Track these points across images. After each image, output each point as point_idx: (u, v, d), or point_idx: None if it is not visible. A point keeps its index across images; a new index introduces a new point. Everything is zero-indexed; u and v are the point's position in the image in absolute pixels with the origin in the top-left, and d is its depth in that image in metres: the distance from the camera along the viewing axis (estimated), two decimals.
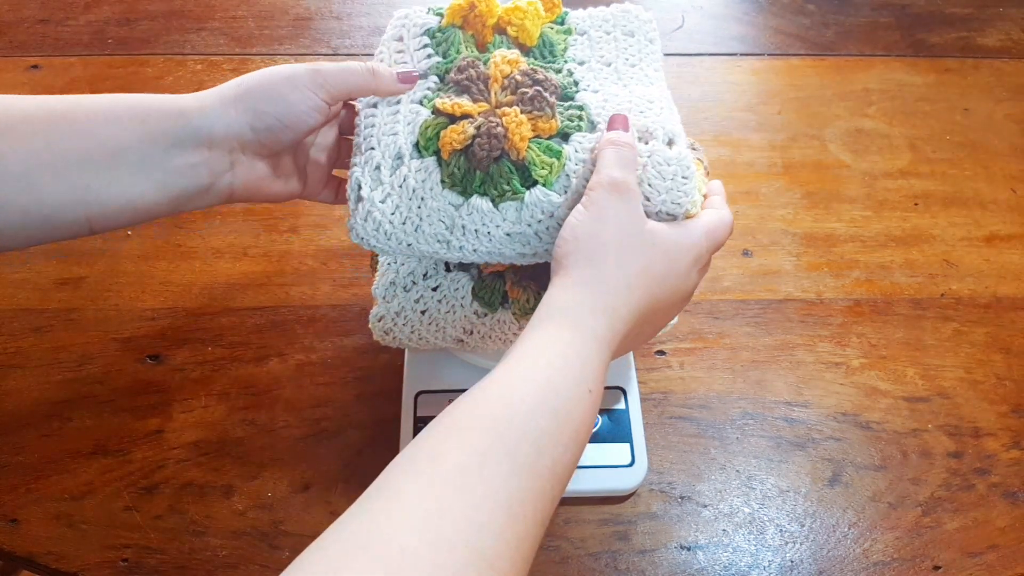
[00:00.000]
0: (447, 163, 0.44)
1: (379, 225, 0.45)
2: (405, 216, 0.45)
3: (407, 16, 0.51)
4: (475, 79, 0.46)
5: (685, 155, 0.44)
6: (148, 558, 0.52)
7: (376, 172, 0.45)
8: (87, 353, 0.61)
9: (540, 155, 0.44)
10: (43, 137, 0.40)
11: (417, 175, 0.45)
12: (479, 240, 0.45)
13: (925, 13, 0.89)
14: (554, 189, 0.44)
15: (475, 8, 0.49)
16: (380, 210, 0.44)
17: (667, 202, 0.44)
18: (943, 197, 0.72)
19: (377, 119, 0.47)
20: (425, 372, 0.57)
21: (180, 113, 0.43)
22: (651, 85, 0.49)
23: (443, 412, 0.36)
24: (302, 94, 0.44)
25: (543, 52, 0.50)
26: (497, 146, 0.44)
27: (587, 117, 0.46)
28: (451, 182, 0.44)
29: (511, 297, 0.50)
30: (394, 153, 0.45)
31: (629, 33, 0.51)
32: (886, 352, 0.62)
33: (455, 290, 0.50)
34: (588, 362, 0.38)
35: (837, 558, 0.53)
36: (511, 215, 0.44)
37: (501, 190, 0.44)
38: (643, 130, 0.45)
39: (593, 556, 0.52)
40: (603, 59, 0.50)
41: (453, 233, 0.45)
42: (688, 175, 0.44)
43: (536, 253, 0.46)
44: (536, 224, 0.44)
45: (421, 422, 0.55)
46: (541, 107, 0.45)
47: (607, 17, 0.52)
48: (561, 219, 0.44)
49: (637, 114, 0.46)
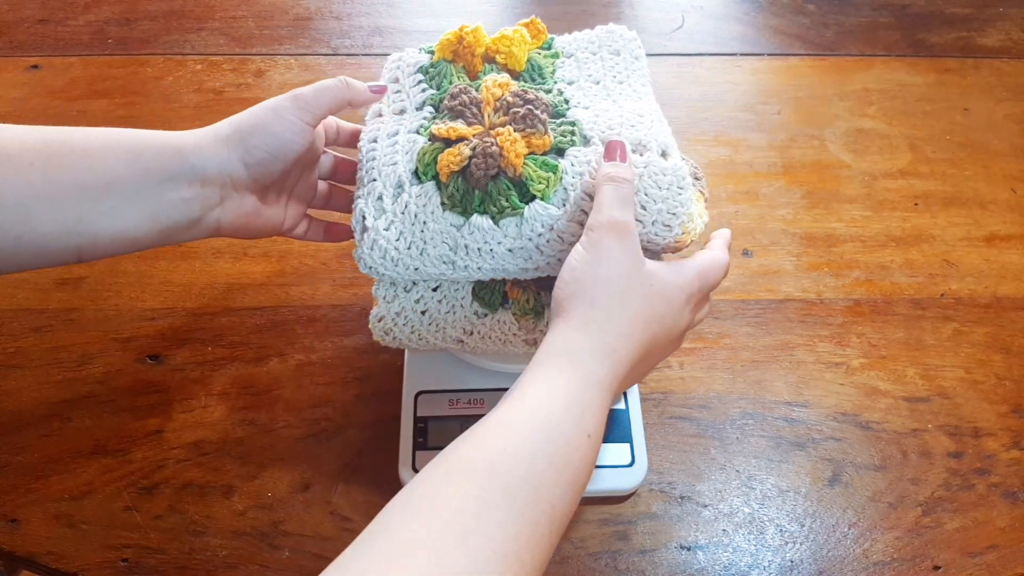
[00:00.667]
0: (446, 186, 0.46)
1: (385, 252, 0.46)
2: (410, 241, 0.46)
3: (400, 58, 0.53)
4: (468, 104, 0.48)
5: (680, 166, 0.45)
6: (148, 558, 0.52)
7: (379, 202, 0.46)
8: (87, 353, 0.61)
9: (536, 170, 0.45)
10: (40, 169, 0.41)
11: (418, 200, 0.46)
12: (482, 258, 0.46)
13: (925, 13, 0.89)
14: (552, 202, 0.45)
15: (463, 40, 0.51)
16: (385, 237, 0.46)
17: (663, 211, 0.45)
18: (943, 197, 0.73)
19: (377, 152, 0.48)
20: (425, 372, 0.57)
21: (176, 150, 0.44)
22: (640, 100, 0.50)
23: (442, 454, 0.36)
24: (285, 122, 0.46)
25: (532, 76, 0.51)
26: (493, 164, 0.45)
27: (580, 132, 0.47)
28: (451, 203, 0.46)
29: (511, 297, 0.50)
30: (395, 182, 0.47)
31: (615, 52, 0.53)
32: (886, 352, 0.62)
33: (455, 291, 0.50)
34: (588, 407, 0.38)
35: (837, 558, 0.53)
36: (512, 231, 0.45)
37: (500, 207, 0.45)
38: (636, 143, 0.46)
39: (593, 556, 0.52)
40: (591, 78, 0.52)
41: (457, 253, 0.46)
42: (684, 186, 0.45)
43: (539, 267, 0.47)
44: (537, 238, 0.45)
45: (421, 422, 0.55)
46: (533, 124, 0.46)
47: (592, 39, 0.54)
48: (561, 232, 0.45)
49: (629, 128, 0.47)
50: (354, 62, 0.83)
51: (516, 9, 0.90)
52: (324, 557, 0.51)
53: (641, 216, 0.45)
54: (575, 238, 0.44)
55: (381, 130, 0.49)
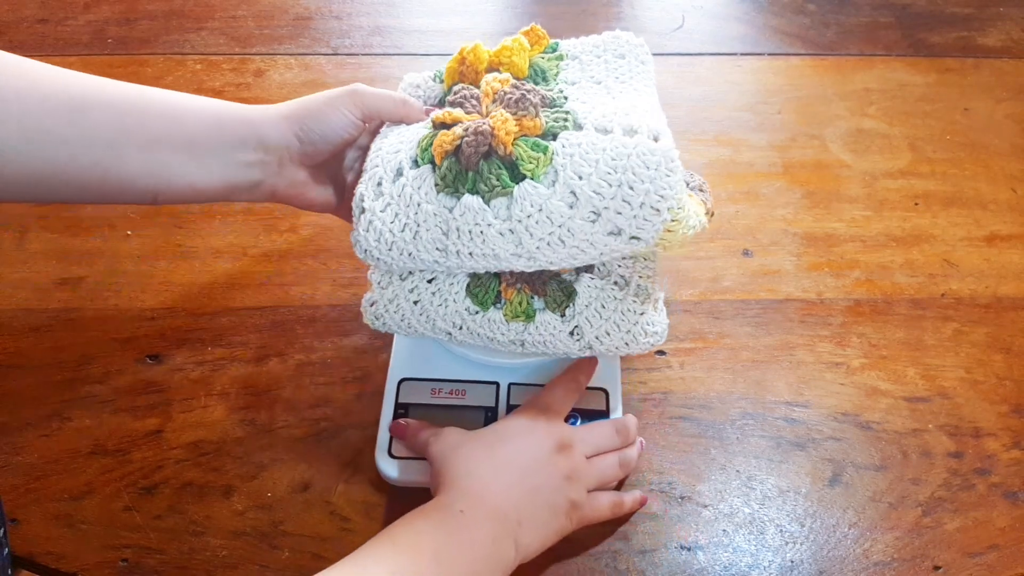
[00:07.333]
0: (439, 167, 0.46)
1: (380, 234, 0.47)
2: (404, 223, 0.47)
3: (418, 85, 0.55)
4: (468, 97, 0.49)
5: (670, 148, 0.45)
6: (148, 558, 0.52)
7: (378, 187, 0.48)
8: (87, 353, 0.61)
9: (527, 150, 0.46)
10: (136, 117, 0.48)
11: (414, 183, 0.47)
12: (473, 241, 0.46)
13: (925, 13, 0.89)
14: (542, 182, 0.45)
15: (465, 60, 0.52)
16: (381, 219, 0.47)
17: (651, 193, 0.45)
18: (943, 197, 0.72)
19: (385, 144, 0.50)
20: (410, 360, 0.58)
21: (249, 121, 0.50)
22: (640, 97, 0.50)
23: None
24: (339, 113, 0.51)
25: (536, 80, 0.52)
26: (484, 142, 0.45)
27: (573, 119, 0.47)
28: (444, 184, 0.46)
29: (504, 297, 0.51)
30: (395, 168, 0.48)
31: (620, 56, 0.53)
32: (886, 352, 0.62)
33: (450, 285, 0.51)
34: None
35: (837, 558, 0.53)
36: (502, 212, 0.46)
37: (491, 186, 0.45)
38: (628, 128, 0.46)
39: (593, 556, 0.52)
40: (593, 78, 0.52)
41: (449, 237, 0.46)
42: (673, 169, 0.45)
43: (531, 256, 0.47)
44: (526, 219, 0.45)
45: (401, 408, 0.56)
46: (526, 107, 0.47)
47: (597, 43, 0.54)
48: (550, 213, 0.45)
49: (622, 115, 0.47)
50: (354, 62, 0.83)
51: (516, 8, 0.90)
52: (324, 557, 0.51)
53: (629, 198, 0.44)
54: (564, 219, 0.45)
55: (394, 129, 0.51)
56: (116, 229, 0.68)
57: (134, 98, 0.48)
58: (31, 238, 0.68)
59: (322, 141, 0.51)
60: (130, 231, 0.68)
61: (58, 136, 0.45)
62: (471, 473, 0.48)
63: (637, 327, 0.52)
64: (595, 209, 0.45)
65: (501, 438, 0.50)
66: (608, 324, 0.51)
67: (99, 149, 0.46)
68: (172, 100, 0.50)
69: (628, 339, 0.52)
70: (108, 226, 0.69)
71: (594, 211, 0.45)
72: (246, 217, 0.69)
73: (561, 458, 0.50)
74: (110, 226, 0.69)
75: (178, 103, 0.50)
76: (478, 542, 0.44)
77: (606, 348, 0.52)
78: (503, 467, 0.48)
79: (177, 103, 0.50)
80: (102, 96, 0.47)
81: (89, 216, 0.69)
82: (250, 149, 0.50)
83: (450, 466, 0.48)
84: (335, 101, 0.51)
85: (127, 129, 0.47)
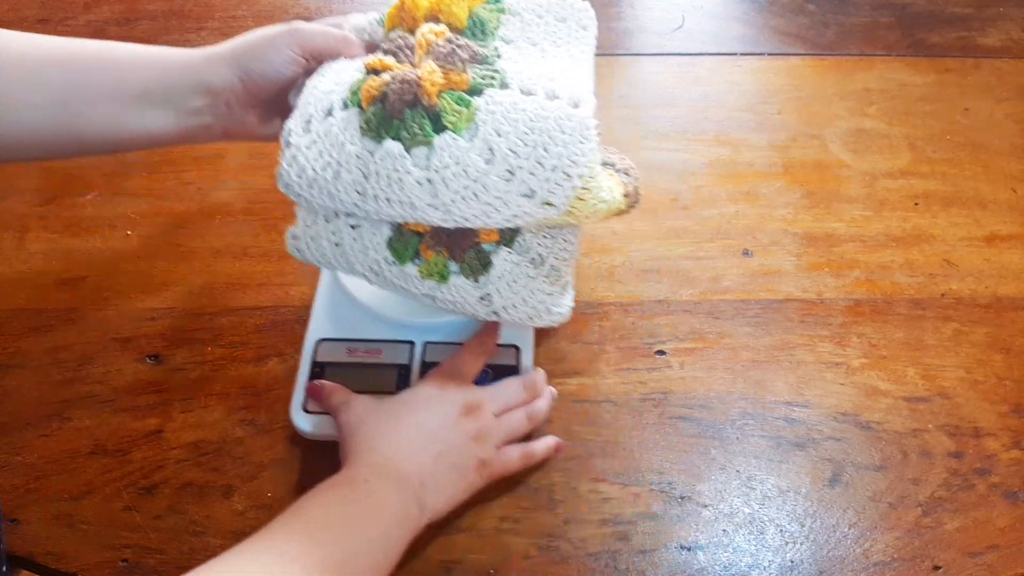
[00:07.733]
0: (365, 111, 0.48)
1: (303, 170, 0.48)
2: (326, 162, 0.48)
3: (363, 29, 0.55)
4: (403, 47, 0.50)
5: (587, 116, 0.46)
6: (148, 558, 0.52)
7: (307, 124, 0.49)
8: (87, 353, 0.61)
9: (451, 103, 0.46)
10: (81, 73, 0.50)
11: (341, 123, 0.48)
12: (391, 188, 0.47)
13: (925, 12, 0.89)
14: (462, 136, 0.46)
15: (404, 6, 0.52)
16: (305, 155, 0.48)
17: (563, 157, 0.45)
18: (943, 197, 0.72)
19: (320, 83, 0.51)
20: (329, 320, 0.59)
21: (194, 67, 0.52)
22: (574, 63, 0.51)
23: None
24: (280, 52, 0.51)
25: (474, 32, 0.52)
26: (409, 91, 0.47)
27: (500, 79, 0.48)
28: (368, 128, 0.47)
29: (423, 256, 0.51)
30: (326, 108, 0.49)
31: (561, 19, 0.53)
32: (886, 352, 0.62)
33: (372, 235, 0.51)
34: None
35: (837, 558, 0.53)
36: (421, 161, 0.47)
37: (412, 134, 0.46)
38: (550, 92, 0.47)
39: (593, 556, 0.52)
40: (530, 40, 0.52)
41: (368, 180, 0.47)
42: (588, 137, 0.46)
43: (447, 208, 0.47)
44: (443, 170, 0.46)
45: (318, 367, 0.57)
46: (454, 62, 0.48)
47: (541, 2, 0.54)
48: (467, 166, 0.46)
49: (547, 80, 0.48)
50: None
51: None
52: None
53: (542, 159, 0.45)
54: (479, 174, 0.46)
55: (331, 67, 0.52)
56: (116, 229, 0.68)
57: (80, 54, 0.50)
58: (31, 238, 0.68)
59: (264, 80, 0.52)
60: (130, 231, 0.68)
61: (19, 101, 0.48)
62: (375, 447, 0.50)
63: (543, 305, 0.53)
64: (510, 168, 0.46)
65: (408, 408, 0.52)
66: (516, 298, 0.52)
67: (56, 108, 0.49)
68: (120, 54, 0.51)
69: (533, 314, 0.53)
70: (108, 226, 0.69)
71: (509, 169, 0.46)
72: (246, 217, 0.69)
73: (468, 420, 0.52)
74: (110, 226, 0.69)
75: (125, 56, 0.51)
76: (384, 507, 0.47)
77: (511, 318, 0.53)
78: (409, 436, 0.51)
79: (124, 56, 0.51)
80: (53, 56, 0.49)
81: (89, 216, 0.69)
82: (198, 95, 0.51)
83: (357, 438, 0.51)
84: (276, 40, 0.52)
85: (73, 85, 0.49)
